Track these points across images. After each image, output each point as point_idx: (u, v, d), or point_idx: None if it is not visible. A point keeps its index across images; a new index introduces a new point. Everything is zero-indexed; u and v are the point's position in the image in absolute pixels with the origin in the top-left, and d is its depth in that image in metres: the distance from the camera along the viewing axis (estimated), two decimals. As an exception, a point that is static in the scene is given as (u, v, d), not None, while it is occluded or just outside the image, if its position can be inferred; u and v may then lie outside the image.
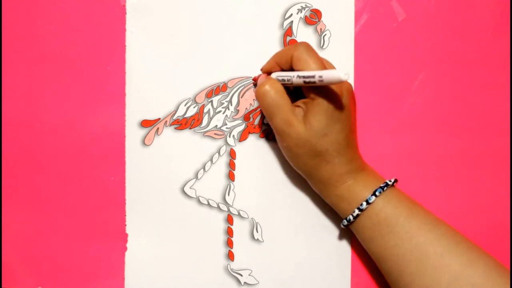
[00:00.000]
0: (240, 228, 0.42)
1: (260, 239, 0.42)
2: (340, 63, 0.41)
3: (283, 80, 0.35)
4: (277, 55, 0.37)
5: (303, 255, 0.41)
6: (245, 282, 0.42)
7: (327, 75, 0.31)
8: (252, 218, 0.42)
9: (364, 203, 0.35)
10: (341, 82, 0.31)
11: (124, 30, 0.41)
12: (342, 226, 0.37)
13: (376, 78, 0.41)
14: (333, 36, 0.41)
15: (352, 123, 0.36)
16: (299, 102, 0.36)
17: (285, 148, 0.37)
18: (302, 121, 0.35)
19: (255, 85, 0.41)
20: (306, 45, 0.35)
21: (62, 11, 0.42)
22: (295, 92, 0.37)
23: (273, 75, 0.37)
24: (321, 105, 0.34)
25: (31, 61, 0.42)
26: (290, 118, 0.35)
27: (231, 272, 0.42)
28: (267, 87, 0.35)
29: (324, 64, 0.35)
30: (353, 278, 0.41)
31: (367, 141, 0.41)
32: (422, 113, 0.42)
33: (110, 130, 0.42)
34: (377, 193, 0.35)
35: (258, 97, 0.36)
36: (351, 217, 0.36)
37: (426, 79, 0.41)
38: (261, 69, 0.39)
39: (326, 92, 0.34)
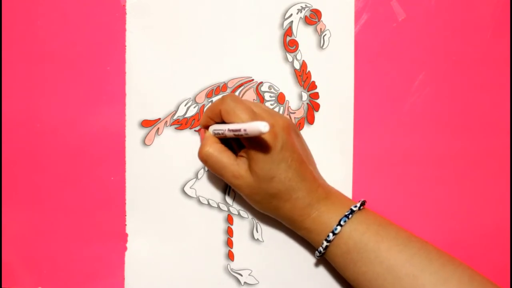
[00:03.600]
0: (240, 228, 0.42)
1: (260, 239, 0.42)
2: (340, 63, 0.41)
3: (218, 133, 0.36)
4: (208, 109, 0.38)
5: (303, 255, 0.41)
6: (245, 282, 0.42)
7: (250, 128, 0.31)
8: (252, 218, 0.42)
9: (331, 235, 0.35)
10: (262, 133, 0.31)
11: (124, 30, 0.41)
12: (316, 257, 0.38)
13: (376, 78, 0.41)
14: (333, 36, 0.41)
15: (299, 156, 0.35)
16: (242, 152, 0.36)
17: (244, 197, 0.37)
18: (248, 170, 0.35)
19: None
20: (232, 97, 0.35)
21: (62, 11, 0.42)
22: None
23: (210, 129, 0.38)
24: (258, 153, 0.34)
25: (31, 61, 0.42)
26: (237, 171, 0.36)
27: (231, 272, 0.42)
28: (207, 148, 0.36)
29: (253, 112, 0.35)
30: (353, 278, 0.41)
31: (367, 141, 0.41)
32: (422, 113, 0.42)
33: (110, 130, 0.42)
34: (342, 222, 0.35)
35: (202, 160, 0.37)
36: (321, 249, 0.36)
37: (426, 79, 0.41)
38: (200, 124, 0.40)
39: (260, 138, 0.34)
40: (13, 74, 0.42)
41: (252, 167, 0.35)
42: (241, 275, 0.42)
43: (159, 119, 0.42)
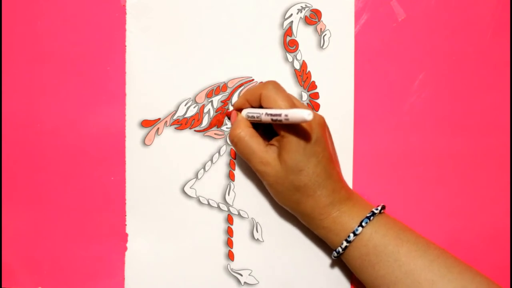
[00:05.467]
0: (240, 228, 0.42)
1: (260, 239, 0.42)
2: (340, 63, 0.41)
3: (253, 117, 0.36)
4: (247, 92, 0.38)
5: (303, 255, 0.41)
6: (245, 282, 0.42)
7: (292, 114, 0.31)
8: (252, 218, 0.42)
9: (352, 235, 0.35)
10: (305, 121, 0.31)
11: (124, 30, 0.41)
12: (333, 258, 0.37)
13: (376, 78, 0.41)
14: (333, 36, 0.41)
15: (329, 154, 0.36)
16: (273, 140, 0.36)
17: (267, 186, 0.37)
18: (277, 159, 0.35)
19: (228, 117, 0.41)
20: (274, 84, 0.36)
21: (62, 11, 0.42)
22: (270, 127, 0.37)
23: (244, 112, 0.38)
24: (292, 142, 0.34)
25: (31, 61, 0.42)
26: (265, 158, 0.36)
27: (231, 272, 0.42)
28: (239, 131, 0.36)
29: (293, 102, 0.35)
30: (353, 278, 0.41)
31: (367, 141, 0.41)
32: (422, 113, 0.42)
33: (110, 130, 0.42)
34: (363, 223, 0.35)
35: (232, 142, 0.37)
36: (340, 249, 0.36)
37: (426, 79, 0.41)
38: (233, 105, 0.40)
39: (296, 128, 0.34)
40: (13, 74, 0.42)
41: (282, 156, 0.35)
42: (241, 275, 0.42)
43: (159, 119, 0.42)
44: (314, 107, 0.41)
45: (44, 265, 0.42)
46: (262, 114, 0.35)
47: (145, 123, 0.42)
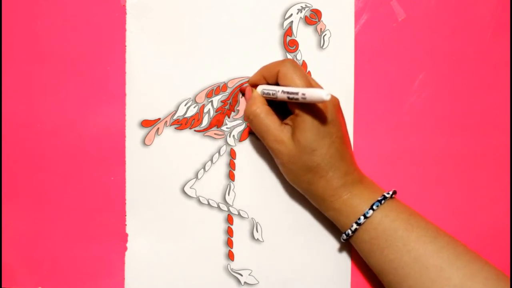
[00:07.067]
0: (240, 228, 0.42)
1: (260, 239, 0.42)
2: (340, 63, 0.41)
3: (268, 94, 0.36)
4: (264, 68, 0.38)
5: (303, 255, 0.41)
6: (245, 282, 0.42)
7: (310, 93, 0.31)
8: (252, 218, 0.42)
9: (362, 218, 0.35)
10: (323, 101, 0.31)
11: (124, 30, 0.41)
12: (342, 241, 0.37)
13: (376, 78, 0.41)
14: (333, 36, 0.41)
15: (343, 136, 0.36)
16: (288, 120, 0.36)
17: (280, 165, 0.37)
18: (291, 138, 0.35)
19: (242, 93, 0.41)
20: (292, 62, 0.36)
21: (62, 11, 0.42)
22: (284, 105, 0.37)
23: (259, 89, 0.37)
24: (306, 121, 0.34)
25: (31, 61, 0.42)
26: (279, 136, 0.36)
27: (231, 272, 0.42)
28: (255, 108, 0.36)
29: (309, 81, 0.35)
30: (353, 277, 0.41)
31: (367, 141, 0.41)
32: (422, 113, 0.42)
33: (110, 130, 0.42)
34: (374, 206, 0.35)
35: (247, 118, 0.37)
36: (349, 231, 0.36)
37: (426, 79, 0.41)
38: (248, 81, 0.40)
39: (311, 108, 0.34)
40: (13, 74, 0.42)
41: (296, 135, 0.35)
42: (241, 275, 0.42)
43: (159, 119, 0.42)
44: (314, 107, 0.41)
45: (44, 265, 0.42)
46: (279, 91, 0.34)
47: (145, 123, 0.42)
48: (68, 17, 0.42)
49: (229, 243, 0.42)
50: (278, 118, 0.37)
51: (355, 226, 0.36)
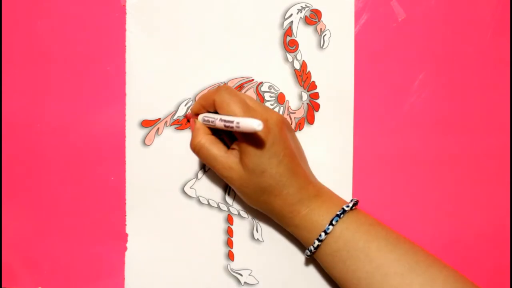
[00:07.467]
0: (240, 228, 0.42)
1: (260, 239, 0.42)
2: (340, 63, 0.41)
3: (208, 121, 0.36)
4: (202, 98, 0.38)
5: (303, 255, 0.41)
6: (245, 282, 0.42)
7: (243, 123, 0.31)
8: (252, 218, 0.42)
9: (323, 234, 0.35)
10: (255, 131, 0.31)
11: (124, 30, 0.41)
12: (306, 256, 0.37)
13: (376, 78, 0.41)
14: (333, 36, 0.41)
15: (291, 152, 0.36)
16: (234, 144, 0.37)
17: (235, 189, 0.37)
18: (239, 163, 0.35)
19: (188, 120, 0.41)
20: (227, 89, 0.36)
21: (62, 11, 0.42)
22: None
23: (200, 117, 0.38)
24: (249, 145, 0.34)
25: (31, 62, 0.42)
26: (227, 163, 0.36)
27: (231, 272, 0.42)
28: (199, 139, 0.37)
29: (247, 105, 0.35)
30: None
31: (367, 141, 0.41)
32: (422, 113, 0.42)
33: (110, 130, 0.42)
34: (333, 222, 0.35)
35: (194, 151, 0.37)
36: (312, 248, 0.36)
37: (426, 79, 0.41)
38: (191, 110, 0.40)
39: (252, 132, 0.34)
40: (13, 74, 0.42)
41: (243, 160, 0.35)
42: (241, 275, 0.42)
43: (159, 119, 0.42)
44: (314, 107, 0.41)
45: (44, 265, 0.42)
46: (217, 119, 0.35)
47: (145, 123, 0.42)
48: (68, 17, 0.42)
49: (229, 243, 0.42)
50: (224, 145, 0.37)
51: (317, 242, 0.36)
